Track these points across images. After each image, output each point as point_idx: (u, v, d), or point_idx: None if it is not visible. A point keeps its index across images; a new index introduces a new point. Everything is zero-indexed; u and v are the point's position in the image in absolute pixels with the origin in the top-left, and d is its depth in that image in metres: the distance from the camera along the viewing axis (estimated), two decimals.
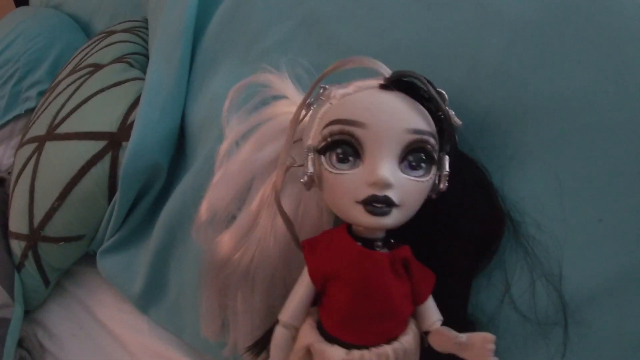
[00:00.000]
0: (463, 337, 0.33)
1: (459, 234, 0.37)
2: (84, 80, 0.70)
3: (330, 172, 0.32)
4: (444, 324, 0.35)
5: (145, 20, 0.85)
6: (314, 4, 0.51)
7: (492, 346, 0.31)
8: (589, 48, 0.37)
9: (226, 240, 0.41)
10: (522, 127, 0.38)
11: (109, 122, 0.63)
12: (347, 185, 0.32)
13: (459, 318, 0.38)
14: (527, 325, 0.37)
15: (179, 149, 0.60)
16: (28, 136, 0.71)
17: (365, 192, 0.31)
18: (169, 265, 0.57)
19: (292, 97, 0.43)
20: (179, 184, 0.56)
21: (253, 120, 0.43)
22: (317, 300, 0.36)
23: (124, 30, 0.82)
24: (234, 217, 0.42)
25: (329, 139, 0.32)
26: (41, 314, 0.69)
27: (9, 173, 0.81)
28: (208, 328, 0.45)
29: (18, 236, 0.65)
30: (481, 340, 0.31)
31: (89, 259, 0.69)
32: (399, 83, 0.33)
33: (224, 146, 0.43)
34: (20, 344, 0.63)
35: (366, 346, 0.33)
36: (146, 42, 0.80)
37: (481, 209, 0.37)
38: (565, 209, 0.37)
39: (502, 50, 0.39)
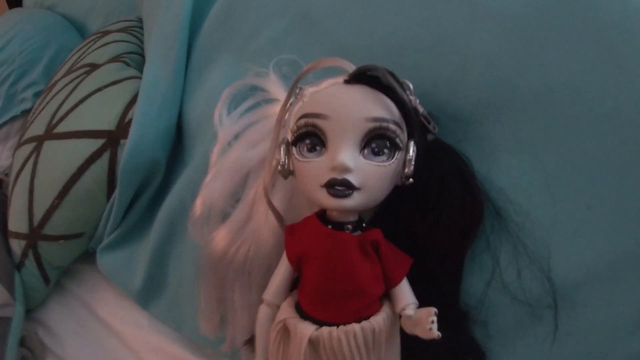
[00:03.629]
0: (410, 312, 0.34)
1: (439, 220, 0.38)
2: (81, 80, 0.70)
3: (300, 160, 0.36)
4: (438, 315, 0.35)
5: (140, 20, 0.85)
6: (307, 1, 0.52)
7: (433, 318, 0.31)
8: (575, 40, 0.38)
9: (222, 235, 0.42)
10: (510, 118, 0.39)
11: (107, 120, 0.63)
12: (313, 171, 0.35)
13: (451, 308, 0.38)
14: (518, 308, 0.38)
15: (176, 145, 0.61)
16: (26, 136, 0.71)
17: (327, 176, 0.34)
18: (168, 260, 0.58)
19: (282, 99, 0.44)
20: (178, 180, 0.57)
21: (245, 122, 0.45)
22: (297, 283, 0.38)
23: (119, 30, 0.83)
24: (228, 214, 0.43)
25: (298, 132, 0.35)
26: (42, 313, 0.69)
27: (7, 174, 0.81)
28: (207, 324, 0.45)
29: (18, 235, 0.66)
30: (425, 314, 0.32)
31: (88, 257, 0.70)
32: (363, 77, 0.35)
33: (218, 147, 0.45)
34: (22, 343, 0.63)
35: (336, 323, 0.35)
36: (141, 41, 0.81)
37: (460, 196, 0.38)
38: (554, 196, 0.37)
39: (490, 44, 0.40)
